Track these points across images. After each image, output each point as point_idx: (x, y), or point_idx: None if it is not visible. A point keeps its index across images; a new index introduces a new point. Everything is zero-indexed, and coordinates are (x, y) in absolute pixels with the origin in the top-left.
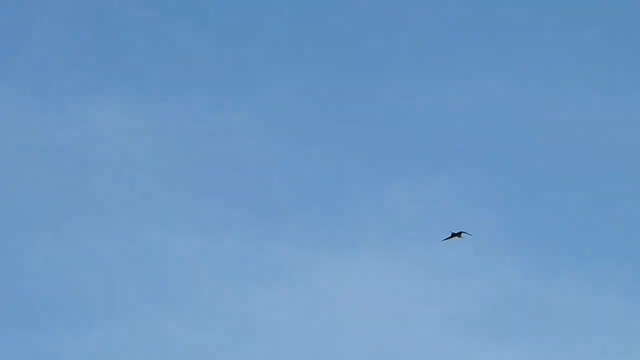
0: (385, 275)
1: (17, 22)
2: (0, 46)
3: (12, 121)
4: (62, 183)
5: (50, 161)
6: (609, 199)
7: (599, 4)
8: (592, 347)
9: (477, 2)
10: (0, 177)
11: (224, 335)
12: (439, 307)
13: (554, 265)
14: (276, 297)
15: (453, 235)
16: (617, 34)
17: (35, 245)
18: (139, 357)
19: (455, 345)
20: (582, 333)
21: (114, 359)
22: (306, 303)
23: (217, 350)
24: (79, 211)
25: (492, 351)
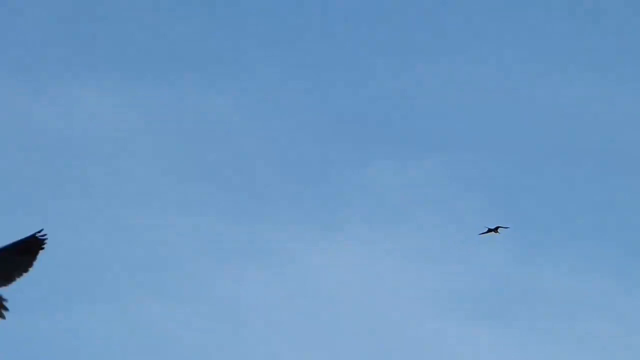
0: (372, 257)
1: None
2: None
3: None
4: (49, 166)
5: (34, 143)
6: (597, 181)
7: None
8: (579, 329)
9: None
10: None
11: (211, 317)
12: (425, 288)
13: (542, 247)
14: (262, 279)
15: (490, 230)
16: (610, 13)
17: (19, 225)
18: (128, 341)
19: (441, 325)
20: (570, 316)
21: (102, 342)
22: (292, 285)
23: (204, 332)
24: (64, 194)
25: (479, 334)
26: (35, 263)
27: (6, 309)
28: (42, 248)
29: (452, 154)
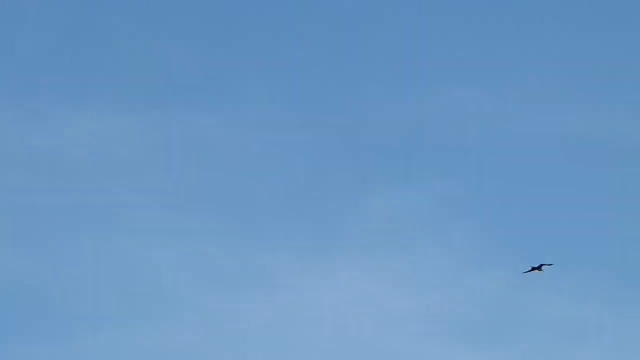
0: (367, 283)
1: None
2: None
3: None
4: (44, 192)
5: (30, 170)
6: (589, 208)
7: (597, 7)
8: (572, 355)
9: (461, 9)
10: None
11: (207, 344)
12: (420, 314)
13: (535, 275)
14: (259, 306)
15: (533, 268)
16: (610, 41)
17: (14, 253)
18: None
19: (435, 352)
20: (562, 341)
21: None
22: (289, 311)
23: (200, 357)
24: (58, 221)
25: (472, 359)
26: None
27: None
28: None
29: (447, 182)
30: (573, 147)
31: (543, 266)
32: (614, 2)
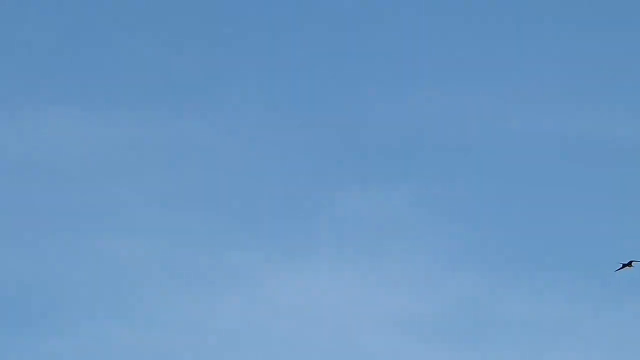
0: (341, 284)
1: None
2: None
3: None
4: (44, 192)
5: (29, 170)
6: (589, 208)
7: (597, 9)
8: (553, 355)
9: (461, 9)
10: None
11: (179, 345)
12: (394, 316)
13: (509, 274)
14: (232, 306)
15: (624, 265)
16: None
17: (14, 254)
18: None
19: (413, 353)
20: (538, 342)
21: None
22: (262, 312)
23: (176, 357)
24: (58, 221)
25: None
26: None
27: None
28: None
29: (423, 182)
30: (573, 147)
31: (633, 262)
32: (614, 2)
